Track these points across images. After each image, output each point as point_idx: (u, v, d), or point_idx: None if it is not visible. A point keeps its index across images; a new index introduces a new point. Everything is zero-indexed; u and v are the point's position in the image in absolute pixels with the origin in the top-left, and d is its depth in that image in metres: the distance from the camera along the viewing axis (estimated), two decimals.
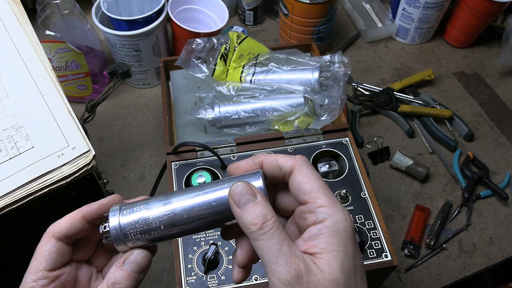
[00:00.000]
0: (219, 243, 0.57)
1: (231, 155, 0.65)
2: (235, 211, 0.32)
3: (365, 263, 0.56)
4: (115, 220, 0.34)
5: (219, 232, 0.58)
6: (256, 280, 0.54)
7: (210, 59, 0.72)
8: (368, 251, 0.56)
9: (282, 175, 0.35)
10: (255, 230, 0.31)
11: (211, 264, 0.55)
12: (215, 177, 0.63)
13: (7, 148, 0.48)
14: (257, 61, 0.73)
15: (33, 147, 0.48)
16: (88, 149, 0.48)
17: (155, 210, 0.35)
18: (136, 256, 0.34)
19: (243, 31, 0.89)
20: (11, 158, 0.47)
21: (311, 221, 0.32)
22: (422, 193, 0.80)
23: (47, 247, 0.35)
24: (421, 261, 0.73)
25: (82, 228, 0.36)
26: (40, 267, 0.34)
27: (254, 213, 0.31)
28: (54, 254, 0.35)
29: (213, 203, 0.34)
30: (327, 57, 0.71)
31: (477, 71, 0.99)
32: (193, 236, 0.58)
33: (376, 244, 0.57)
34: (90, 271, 0.38)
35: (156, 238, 0.35)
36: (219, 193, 0.34)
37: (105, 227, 0.35)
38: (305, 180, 0.33)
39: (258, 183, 0.34)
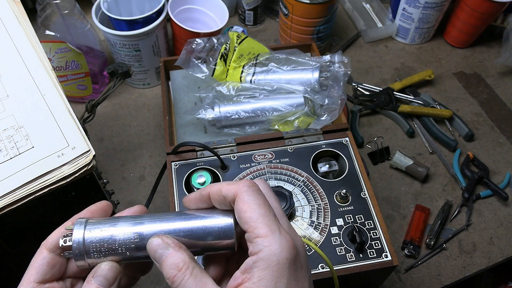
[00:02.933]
0: None
1: (231, 155, 0.65)
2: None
3: (365, 263, 0.56)
4: (79, 234, 0.34)
5: None
6: None
7: (210, 59, 0.72)
8: (368, 251, 0.56)
9: (228, 204, 0.34)
10: (170, 284, 0.32)
11: None
12: (215, 177, 0.63)
13: (7, 148, 0.48)
14: (257, 61, 0.73)
15: (33, 147, 0.48)
16: (88, 149, 0.48)
17: (123, 230, 0.34)
18: (102, 269, 0.34)
19: (243, 31, 0.89)
20: (11, 158, 0.47)
21: (250, 251, 0.32)
22: (422, 193, 0.80)
23: (39, 259, 0.35)
24: (421, 261, 0.73)
25: None
26: (31, 278, 0.34)
27: (167, 266, 0.32)
28: (44, 265, 0.34)
29: (184, 232, 0.34)
30: (327, 57, 0.71)
31: (477, 71, 0.99)
32: None
33: (376, 244, 0.57)
34: None
35: (120, 259, 0.34)
36: (190, 223, 0.34)
37: (65, 241, 0.34)
38: (245, 208, 0.32)
39: (225, 220, 0.34)
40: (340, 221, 0.59)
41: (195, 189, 0.61)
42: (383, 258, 0.56)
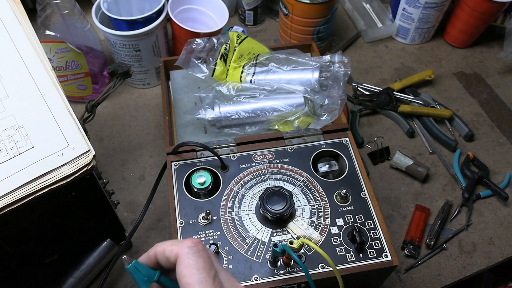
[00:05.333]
0: (219, 243, 0.57)
1: (231, 155, 0.65)
2: None
3: (365, 263, 0.56)
4: None
5: (219, 232, 0.58)
6: (256, 280, 0.54)
7: (210, 59, 0.72)
8: (368, 251, 0.57)
9: (172, 265, 0.32)
10: None
11: None
12: (215, 177, 0.63)
13: (7, 148, 0.48)
14: (257, 61, 0.73)
15: (33, 147, 0.48)
16: (88, 149, 0.48)
17: None
18: None
19: (243, 31, 0.89)
20: (11, 158, 0.47)
21: None
22: (422, 193, 0.80)
23: None
24: (421, 261, 0.73)
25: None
26: None
27: None
28: None
29: None
30: (327, 57, 0.71)
31: (477, 71, 0.99)
32: (193, 236, 0.58)
33: (376, 244, 0.57)
34: None
35: None
36: None
37: None
38: (184, 272, 0.31)
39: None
40: (340, 221, 0.59)
41: (195, 189, 0.61)
42: (383, 258, 0.56)
